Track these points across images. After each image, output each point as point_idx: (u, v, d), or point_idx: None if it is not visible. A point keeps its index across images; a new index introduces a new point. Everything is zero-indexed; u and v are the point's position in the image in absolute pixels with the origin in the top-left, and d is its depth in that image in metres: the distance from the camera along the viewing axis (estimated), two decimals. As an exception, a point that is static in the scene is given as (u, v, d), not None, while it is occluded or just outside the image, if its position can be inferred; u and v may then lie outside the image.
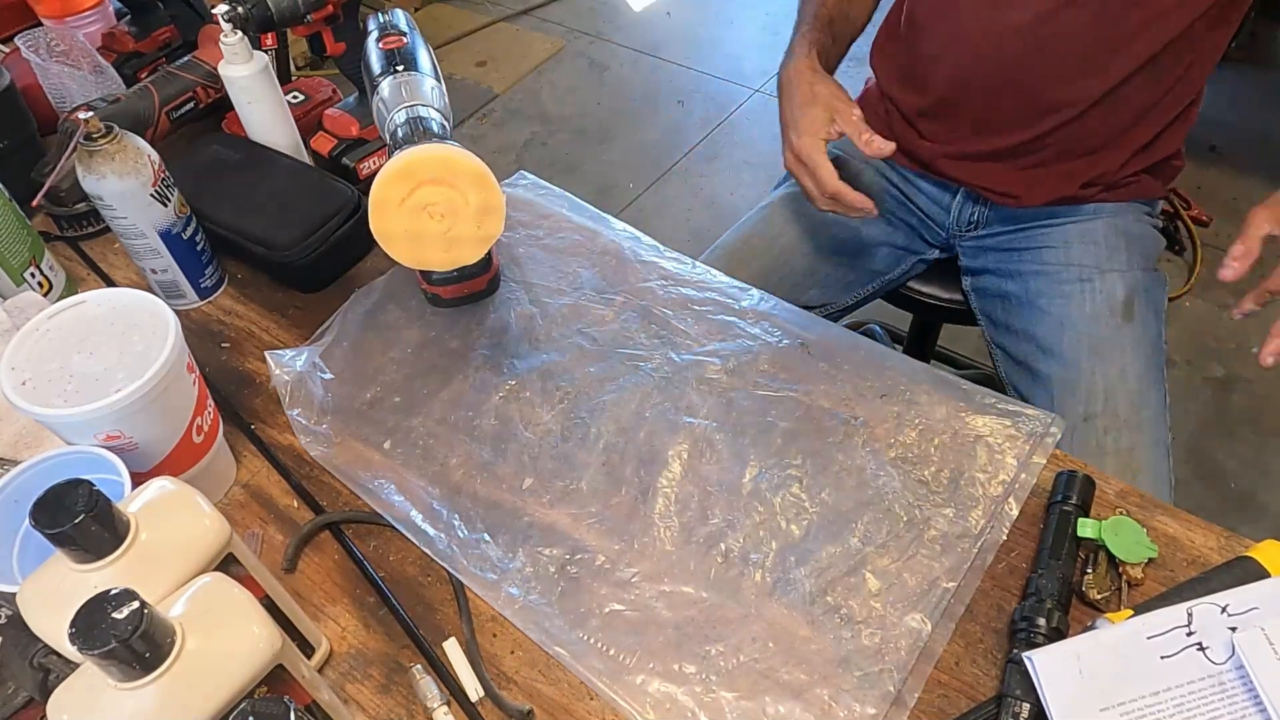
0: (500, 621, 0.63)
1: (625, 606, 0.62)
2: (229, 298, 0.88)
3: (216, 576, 0.48)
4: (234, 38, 0.85)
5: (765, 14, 3.05)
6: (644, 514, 0.67)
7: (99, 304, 0.65)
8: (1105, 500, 0.65)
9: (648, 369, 0.76)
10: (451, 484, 0.70)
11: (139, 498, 0.51)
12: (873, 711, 0.56)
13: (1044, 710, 0.51)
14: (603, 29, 3.06)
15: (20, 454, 0.68)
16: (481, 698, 0.59)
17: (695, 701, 0.57)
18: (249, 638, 0.46)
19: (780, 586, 0.62)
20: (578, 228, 0.90)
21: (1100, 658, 0.51)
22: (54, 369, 0.62)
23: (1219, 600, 0.51)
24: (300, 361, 0.77)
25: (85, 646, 0.39)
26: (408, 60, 0.74)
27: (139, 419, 0.60)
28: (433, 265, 0.71)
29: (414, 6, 3.15)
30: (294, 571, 0.67)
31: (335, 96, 1.04)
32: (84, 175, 0.74)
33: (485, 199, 0.67)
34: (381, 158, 0.95)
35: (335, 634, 0.63)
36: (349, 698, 0.60)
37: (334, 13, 0.90)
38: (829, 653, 0.59)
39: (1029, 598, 0.58)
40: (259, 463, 0.73)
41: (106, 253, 0.93)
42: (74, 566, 0.46)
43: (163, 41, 1.10)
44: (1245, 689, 0.48)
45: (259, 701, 0.39)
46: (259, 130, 0.92)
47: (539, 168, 1.37)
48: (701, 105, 2.70)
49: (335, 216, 0.84)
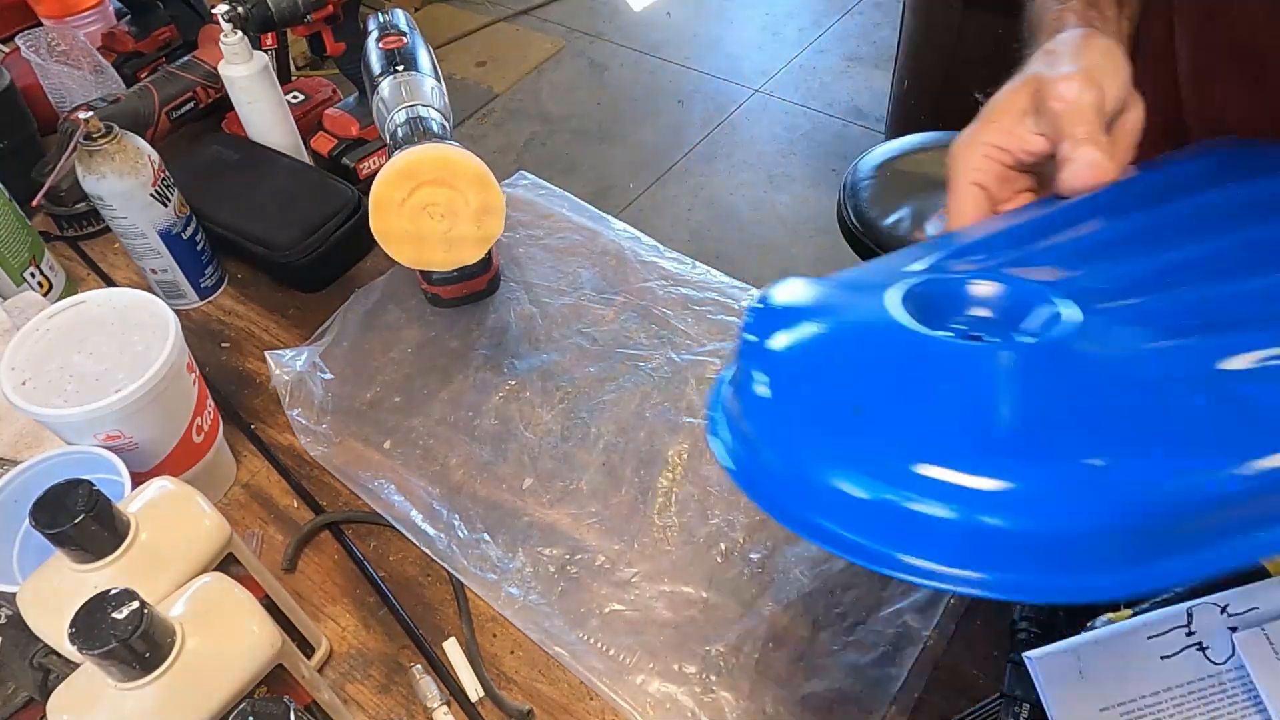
0: (500, 621, 0.63)
1: (625, 606, 0.62)
2: (229, 298, 0.88)
3: (216, 576, 0.48)
4: (234, 38, 0.85)
5: (765, 14, 3.05)
6: (644, 514, 0.67)
7: (99, 304, 0.65)
8: (1105, 500, 0.65)
9: (647, 369, 0.76)
10: (451, 484, 0.70)
11: (139, 498, 0.51)
12: (873, 712, 0.56)
13: (1044, 710, 0.51)
14: (603, 29, 3.06)
15: (20, 454, 0.68)
16: (481, 698, 0.59)
17: (695, 701, 0.57)
18: (249, 638, 0.46)
19: (780, 586, 0.62)
20: (578, 228, 0.90)
21: (1100, 658, 0.51)
22: (54, 369, 0.62)
23: (1219, 600, 0.51)
24: (300, 361, 0.77)
25: (85, 646, 0.39)
26: (408, 60, 0.74)
27: (139, 419, 0.60)
28: (433, 265, 0.71)
29: (414, 6, 3.15)
30: (294, 571, 0.67)
31: (335, 96, 1.04)
32: (84, 175, 0.74)
33: (485, 199, 0.67)
34: (381, 158, 0.95)
35: (335, 634, 0.63)
36: (349, 698, 0.60)
37: (334, 13, 0.90)
38: (829, 653, 0.59)
39: (1029, 598, 0.58)
40: (259, 463, 0.73)
41: (106, 253, 0.93)
42: (74, 566, 0.46)
43: (163, 41, 1.10)
44: (1245, 689, 0.48)
45: (259, 701, 0.39)
46: (259, 130, 0.92)
47: (539, 168, 1.37)
48: (701, 105, 2.70)
49: (335, 216, 0.84)
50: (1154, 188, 0.46)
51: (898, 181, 1.49)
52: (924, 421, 0.31)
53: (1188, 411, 0.31)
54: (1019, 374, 0.32)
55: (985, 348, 0.35)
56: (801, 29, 2.93)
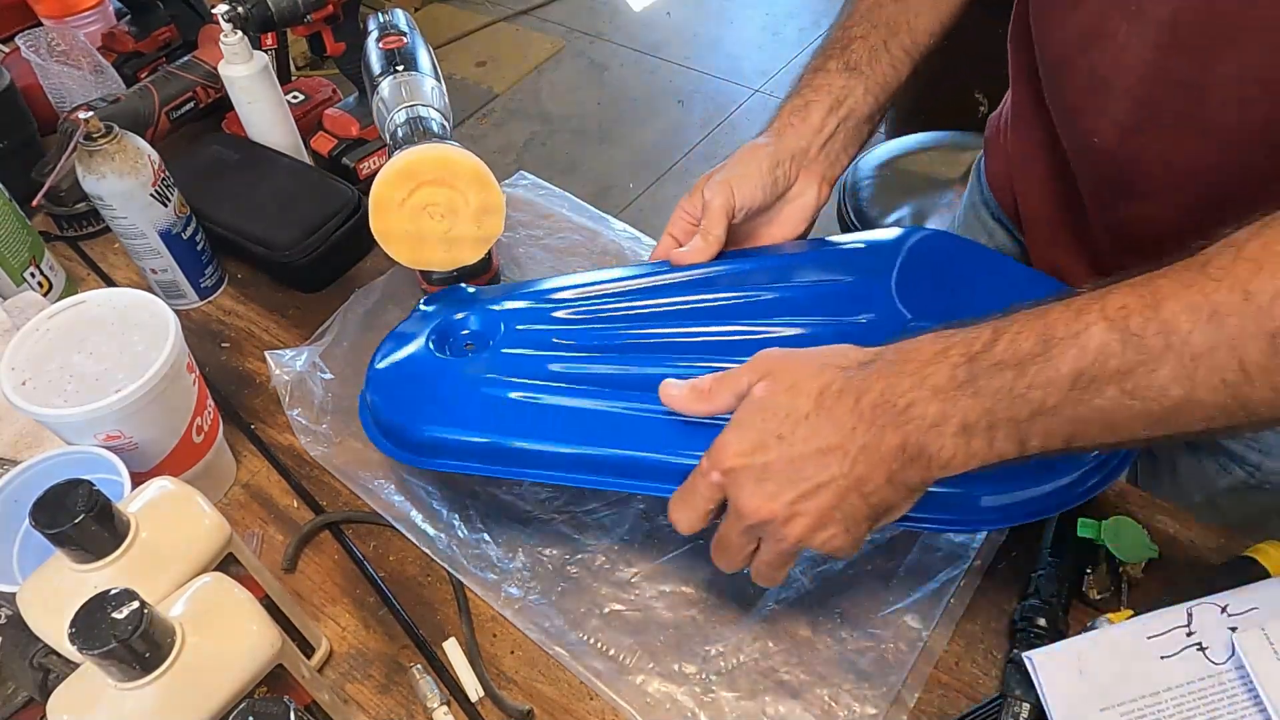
0: (500, 621, 0.63)
1: (625, 606, 0.62)
2: (229, 298, 0.88)
3: (216, 576, 0.48)
4: (234, 38, 0.85)
5: (765, 14, 3.05)
6: (644, 513, 0.67)
7: (99, 304, 0.65)
8: (1105, 500, 0.65)
9: (648, 369, 0.77)
10: (451, 484, 0.70)
11: (139, 498, 0.51)
12: (873, 711, 0.56)
13: (1044, 710, 0.51)
14: (603, 29, 3.06)
15: (20, 454, 0.68)
16: (481, 698, 0.59)
17: (695, 701, 0.57)
18: (249, 638, 0.46)
19: (780, 586, 0.62)
20: (578, 228, 0.90)
21: (1100, 658, 0.51)
22: (54, 369, 0.62)
23: (1219, 600, 0.51)
24: (300, 361, 0.77)
25: (85, 646, 0.39)
26: (408, 60, 0.74)
27: (139, 419, 0.60)
28: (433, 265, 0.71)
29: (414, 6, 3.15)
30: (294, 571, 0.67)
31: (335, 96, 1.04)
32: (84, 175, 0.74)
33: (485, 199, 0.67)
34: (381, 158, 0.95)
35: (335, 634, 0.63)
36: (349, 698, 0.60)
37: (334, 13, 0.90)
38: (829, 653, 0.59)
39: (1029, 598, 0.58)
40: (259, 463, 0.73)
41: (106, 253, 0.93)
42: (74, 566, 0.46)
43: (163, 41, 1.10)
44: (1245, 689, 0.48)
45: (259, 701, 0.39)
46: (259, 130, 0.92)
47: (539, 168, 1.37)
48: (701, 105, 2.70)
49: (335, 216, 0.84)
50: (720, 274, 0.65)
51: (897, 181, 1.49)
52: (430, 398, 0.62)
53: (472, 399, 0.60)
54: (437, 370, 0.64)
55: (439, 360, 0.65)
56: (801, 29, 2.93)
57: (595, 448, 0.57)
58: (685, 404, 0.53)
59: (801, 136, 0.67)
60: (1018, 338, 0.43)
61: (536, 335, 0.64)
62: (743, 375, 0.51)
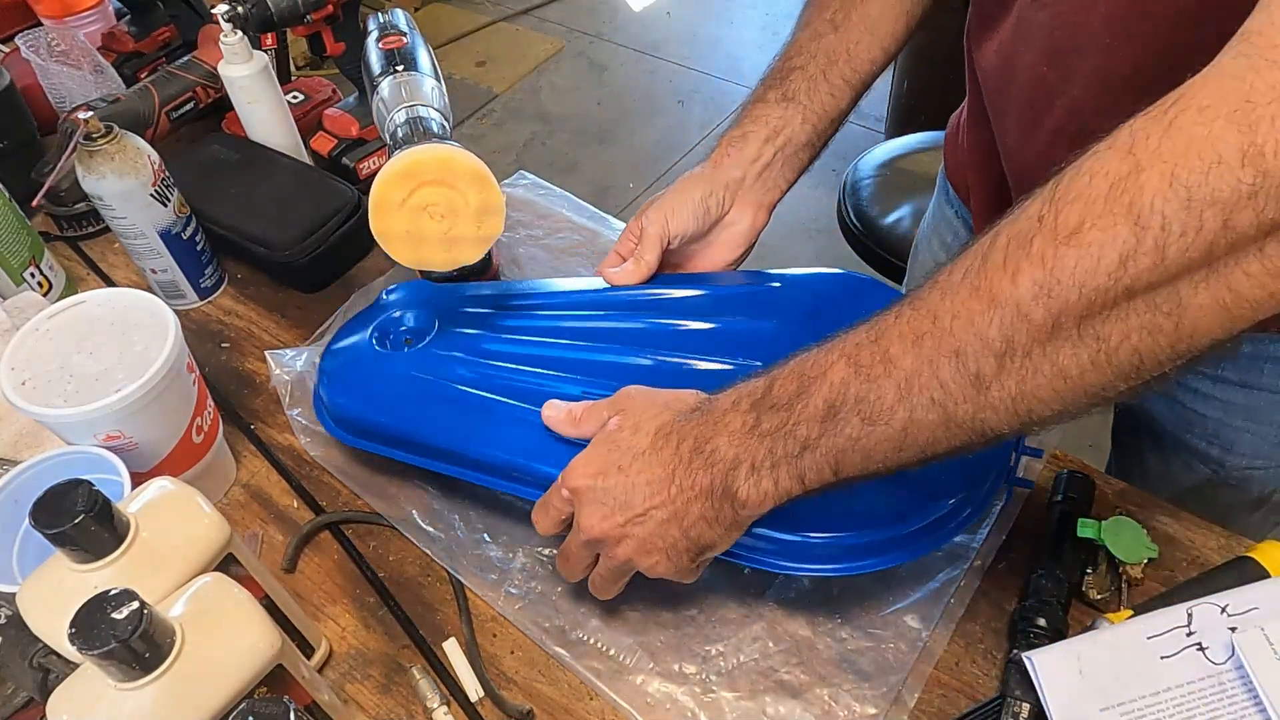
0: (500, 621, 0.63)
1: (625, 606, 0.62)
2: (229, 298, 0.88)
3: (216, 576, 0.48)
4: (234, 38, 0.85)
5: (765, 14, 3.05)
6: (644, 514, 0.67)
7: (99, 304, 0.65)
8: (1105, 500, 0.65)
9: (647, 369, 0.77)
10: (451, 484, 0.70)
11: (139, 498, 0.51)
12: (873, 711, 0.56)
13: (1044, 710, 0.51)
14: (603, 29, 3.06)
15: (20, 454, 0.68)
16: (481, 698, 0.59)
17: (695, 701, 0.57)
18: (249, 638, 0.46)
19: (780, 586, 0.62)
20: (578, 228, 0.90)
21: (1100, 658, 0.51)
22: (54, 369, 0.62)
23: (1219, 600, 0.51)
24: (300, 361, 0.77)
25: (85, 646, 0.39)
26: (408, 60, 0.73)
27: (139, 419, 0.60)
28: (433, 265, 0.71)
29: (414, 6, 3.15)
30: (294, 571, 0.67)
31: (335, 96, 1.04)
32: (84, 175, 0.75)
33: (485, 199, 0.67)
34: (381, 158, 0.95)
35: (335, 634, 0.63)
36: (349, 698, 0.60)
37: (334, 13, 0.90)
38: (829, 653, 0.59)
39: (1029, 598, 0.58)
40: (259, 463, 0.73)
41: (106, 253, 0.93)
42: (74, 566, 0.46)
43: (163, 41, 1.10)
44: (1245, 689, 0.48)
45: (259, 701, 0.39)
46: (259, 130, 0.92)
47: (539, 168, 1.37)
48: (701, 105, 2.71)
49: (335, 216, 0.84)
50: (646, 301, 0.70)
51: (897, 181, 1.49)
52: (361, 383, 0.68)
53: (391, 390, 0.66)
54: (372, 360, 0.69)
55: (378, 352, 0.70)
56: (801, 29, 2.93)
57: (480, 448, 0.61)
58: (559, 426, 0.59)
59: (737, 166, 0.70)
60: (786, 381, 0.48)
61: (464, 339, 0.69)
62: (605, 408, 0.57)
